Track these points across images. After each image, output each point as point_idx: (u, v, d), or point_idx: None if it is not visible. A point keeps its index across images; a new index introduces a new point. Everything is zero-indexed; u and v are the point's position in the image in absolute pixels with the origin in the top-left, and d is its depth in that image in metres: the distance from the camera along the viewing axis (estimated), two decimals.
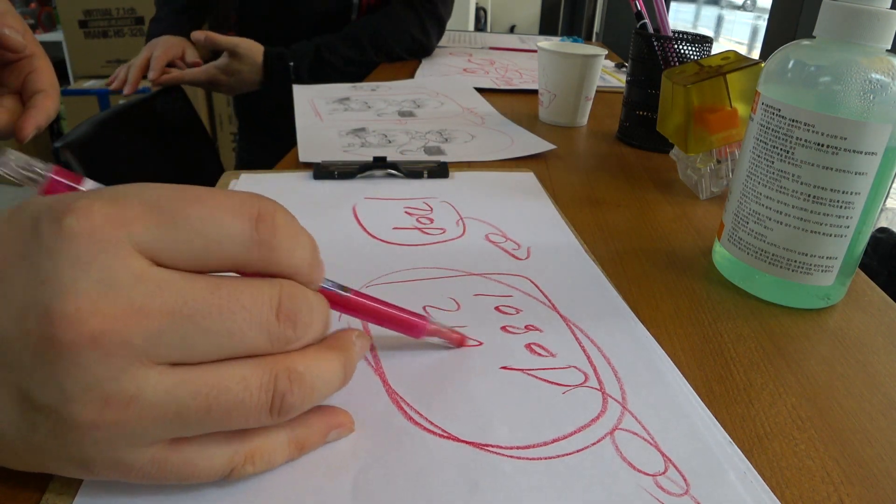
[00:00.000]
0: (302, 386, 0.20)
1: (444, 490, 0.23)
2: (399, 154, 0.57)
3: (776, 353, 0.33)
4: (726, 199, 0.40)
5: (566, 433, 0.25)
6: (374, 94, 0.79)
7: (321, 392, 0.21)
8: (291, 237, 0.20)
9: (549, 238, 0.43)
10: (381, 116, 0.69)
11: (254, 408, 0.19)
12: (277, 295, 0.20)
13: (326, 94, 0.77)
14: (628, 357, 0.31)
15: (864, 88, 0.32)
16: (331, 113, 0.70)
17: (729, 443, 0.26)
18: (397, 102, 0.75)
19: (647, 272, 0.40)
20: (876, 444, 0.27)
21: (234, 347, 0.19)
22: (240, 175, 0.50)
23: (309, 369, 0.20)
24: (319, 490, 0.22)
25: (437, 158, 0.56)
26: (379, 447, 0.24)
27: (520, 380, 0.28)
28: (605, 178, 0.57)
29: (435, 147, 0.60)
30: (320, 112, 0.70)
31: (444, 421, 0.26)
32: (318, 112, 0.70)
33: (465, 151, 0.58)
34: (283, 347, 0.20)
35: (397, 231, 0.42)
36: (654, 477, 0.24)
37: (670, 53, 0.63)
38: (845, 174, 0.33)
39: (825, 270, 0.35)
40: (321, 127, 0.65)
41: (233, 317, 0.19)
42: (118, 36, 2.10)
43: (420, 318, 0.28)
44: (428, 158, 0.56)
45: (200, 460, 0.20)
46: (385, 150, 0.58)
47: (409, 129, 0.65)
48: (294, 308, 0.20)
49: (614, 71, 1.07)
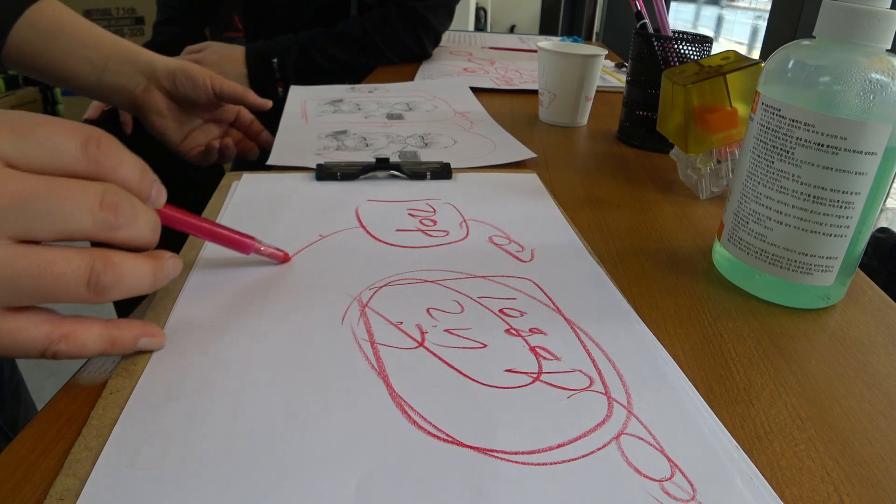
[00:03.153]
0: (114, 271, 0.25)
1: (448, 495, 0.23)
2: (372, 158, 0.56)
3: (776, 353, 0.33)
4: (726, 199, 0.41)
5: (571, 438, 0.26)
6: (369, 97, 0.78)
7: (130, 284, 0.26)
8: (115, 156, 0.26)
9: (553, 240, 0.43)
10: (368, 119, 0.69)
11: (73, 280, 0.24)
12: (102, 190, 0.25)
13: (320, 96, 0.77)
14: (633, 361, 0.31)
15: (864, 88, 0.32)
16: (318, 115, 0.70)
17: (735, 447, 0.26)
18: (389, 105, 0.75)
19: (647, 272, 0.40)
20: (876, 444, 0.27)
21: (65, 226, 0.24)
22: (241, 176, 0.50)
23: (123, 261, 0.26)
24: (323, 495, 0.22)
25: None
26: (382, 452, 0.24)
27: (524, 383, 0.29)
28: (605, 178, 0.57)
29: (411, 152, 0.59)
30: (308, 113, 0.70)
31: (448, 425, 0.26)
32: (305, 113, 0.70)
33: (441, 157, 0.57)
34: (107, 232, 0.25)
35: (400, 233, 0.42)
36: (661, 482, 0.24)
37: (670, 53, 0.63)
38: (845, 174, 0.33)
39: (825, 270, 0.36)
40: (303, 129, 0.64)
41: (63, 202, 0.24)
42: None
43: (246, 237, 0.35)
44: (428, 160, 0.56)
45: (26, 329, 0.25)
46: (361, 153, 0.58)
47: (391, 132, 0.64)
48: (115, 201, 0.25)
49: (614, 71, 1.07)
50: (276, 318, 0.32)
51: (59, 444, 0.24)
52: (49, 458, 0.24)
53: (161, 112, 0.59)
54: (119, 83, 0.56)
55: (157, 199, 0.28)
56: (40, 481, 0.23)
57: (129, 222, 0.25)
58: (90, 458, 0.23)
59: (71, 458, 0.23)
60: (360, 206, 0.46)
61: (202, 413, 0.26)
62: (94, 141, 0.25)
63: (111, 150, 0.26)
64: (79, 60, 0.54)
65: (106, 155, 0.25)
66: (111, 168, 0.26)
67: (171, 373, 0.28)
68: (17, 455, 0.24)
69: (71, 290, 0.24)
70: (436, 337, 0.31)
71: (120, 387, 0.27)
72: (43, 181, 0.24)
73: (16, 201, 0.23)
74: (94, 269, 0.24)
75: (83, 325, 0.26)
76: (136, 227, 0.26)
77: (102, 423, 0.25)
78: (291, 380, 0.28)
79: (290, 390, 0.27)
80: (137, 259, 0.27)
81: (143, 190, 0.27)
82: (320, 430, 0.25)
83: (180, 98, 0.59)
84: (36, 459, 0.24)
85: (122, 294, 0.26)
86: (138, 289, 0.27)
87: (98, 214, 0.24)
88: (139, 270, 0.27)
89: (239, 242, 0.35)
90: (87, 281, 0.24)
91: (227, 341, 0.30)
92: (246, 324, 0.32)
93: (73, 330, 0.26)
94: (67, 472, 0.23)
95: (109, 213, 0.25)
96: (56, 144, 0.24)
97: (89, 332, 0.26)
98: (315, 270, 0.37)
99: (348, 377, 0.28)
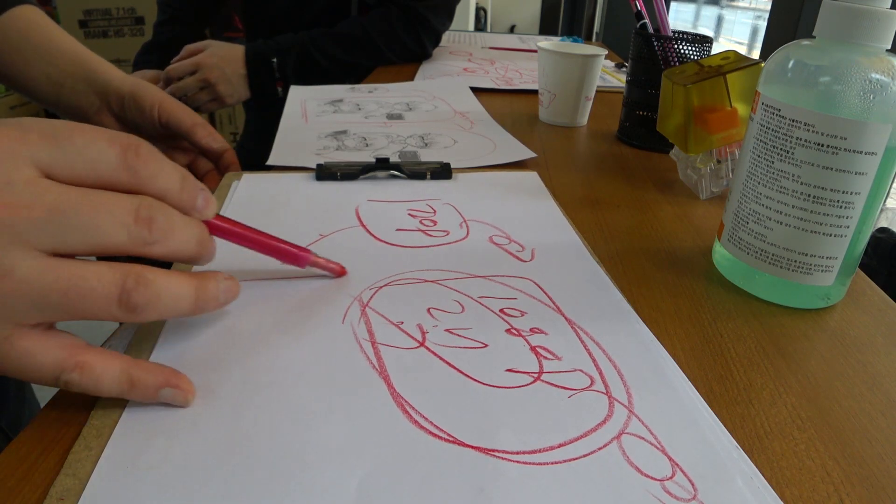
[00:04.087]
0: (147, 289, 0.24)
1: (449, 495, 0.23)
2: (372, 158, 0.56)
3: (776, 353, 0.33)
4: (726, 199, 0.41)
5: (572, 438, 0.26)
6: (369, 97, 0.78)
7: (166, 303, 0.25)
8: (153, 165, 0.25)
9: (554, 239, 0.43)
10: (369, 119, 0.69)
11: (104, 298, 0.23)
12: (137, 203, 0.24)
13: (320, 96, 0.77)
14: (634, 360, 0.31)
15: (864, 88, 0.32)
16: (318, 115, 0.69)
17: (736, 447, 0.26)
18: (389, 105, 0.75)
19: (647, 272, 0.40)
20: (876, 444, 0.27)
21: (98, 241, 0.23)
22: (242, 176, 0.50)
23: (158, 278, 0.24)
24: (324, 494, 0.22)
25: None
26: (384, 451, 0.24)
27: (525, 383, 0.29)
28: (605, 178, 0.57)
29: (411, 152, 0.59)
30: (308, 113, 0.70)
31: (449, 425, 0.26)
32: (305, 113, 0.70)
33: (440, 157, 0.57)
34: (142, 248, 0.24)
35: (401, 233, 0.42)
36: (662, 482, 0.24)
37: (670, 53, 0.63)
38: (845, 174, 0.33)
39: (825, 270, 0.36)
40: (303, 129, 0.64)
41: (98, 215, 0.23)
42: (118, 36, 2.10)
43: (302, 251, 0.34)
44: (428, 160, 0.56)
45: (38, 353, 0.23)
46: (361, 153, 0.58)
47: (391, 132, 0.64)
48: (150, 214, 0.24)
49: (614, 71, 1.07)
50: (276, 318, 0.32)
51: (59, 444, 0.24)
52: (49, 458, 0.24)
53: None
54: (74, 102, 0.53)
55: (204, 209, 0.27)
56: (40, 481, 0.23)
57: (165, 236, 0.24)
58: (91, 458, 0.23)
59: (71, 458, 0.23)
60: (360, 206, 0.46)
61: (203, 413, 0.26)
62: (133, 149, 0.24)
63: (150, 160, 0.25)
64: (38, 75, 0.52)
65: (145, 164, 0.24)
66: (149, 178, 0.25)
67: None
68: (17, 455, 0.24)
69: (101, 307, 0.23)
70: (436, 337, 0.31)
71: None
72: (79, 194, 0.23)
73: (50, 214, 0.22)
74: (125, 286, 0.23)
75: (103, 358, 0.25)
76: (174, 242, 0.25)
77: (103, 423, 0.25)
78: (292, 380, 0.28)
79: (290, 390, 0.27)
80: (176, 278, 0.25)
81: (184, 200, 0.26)
82: (321, 430, 0.25)
83: (129, 123, 0.54)
84: (36, 459, 0.24)
85: (158, 314, 0.25)
86: (177, 310, 0.25)
87: (133, 229, 0.24)
88: (178, 289, 0.25)
89: (294, 255, 0.34)
90: (119, 298, 0.23)
91: (227, 342, 0.30)
92: (246, 324, 0.32)
93: (89, 361, 0.24)
94: (68, 472, 0.23)
95: (143, 227, 0.24)
96: (94, 153, 0.23)
97: (108, 367, 0.24)
98: (315, 270, 0.37)
99: (349, 377, 0.28)
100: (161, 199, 0.25)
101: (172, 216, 0.25)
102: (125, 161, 0.24)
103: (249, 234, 0.31)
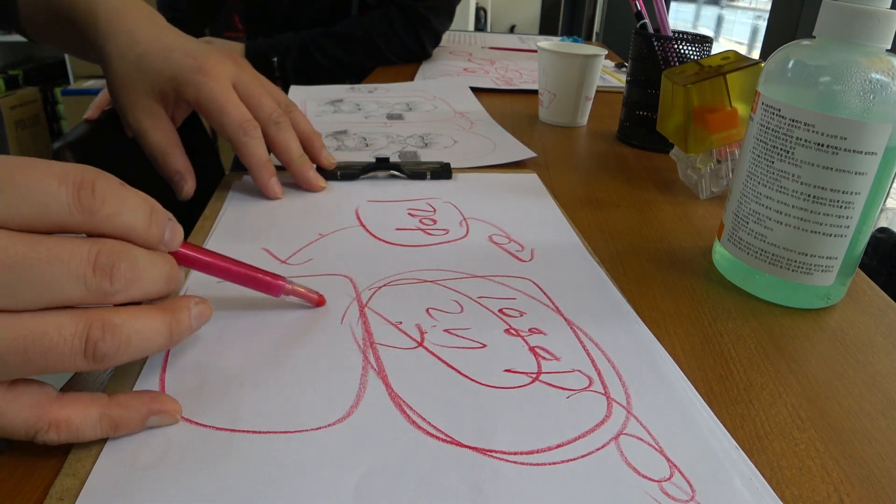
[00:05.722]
0: (115, 336, 0.22)
1: (447, 495, 0.23)
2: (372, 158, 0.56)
3: (776, 353, 0.33)
4: (726, 199, 0.41)
5: (570, 438, 0.26)
6: (369, 97, 0.78)
7: (138, 346, 0.23)
8: (113, 202, 0.22)
9: (553, 240, 0.43)
10: (369, 119, 0.69)
11: (67, 352, 0.21)
12: (96, 250, 0.21)
13: (320, 96, 0.77)
14: (633, 361, 0.31)
15: (864, 88, 0.32)
16: (319, 115, 0.69)
17: (735, 448, 0.26)
18: (390, 105, 0.75)
19: (647, 272, 0.40)
20: (876, 444, 0.27)
21: (53, 297, 0.21)
22: (242, 176, 0.50)
23: (126, 322, 0.22)
24: (322, 494, 0.22)
25: None
26: (382, 452, 0.24)
27: (523, 383, 0.29)
28: (605, 178, 0.57)
29: (411, 152, 0.59)
30: (308, 113, 0.70)
31: (448, 425, 0.26)
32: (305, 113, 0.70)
33: (440, 157, 0.57)
34: (103, 299, 0.22)
35: (400, 232, 0.42)
36: (660, 483, 0.24)
37: (670, 53, 0.63)
38: (845, 174, 0.33)
39: (825, 270, 0.36)
40: None
41: (50, 268, 0.20)
42: None
43: (275, 278, 0.31)
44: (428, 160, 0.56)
45: (6, 413, 0.22)
46: (361, 153, 0.57)
47: (391, 132, 0.64)
48: (111, 262, 0.22)
49: (614, 71, 1.07)
50: (274, 318, 0.32)
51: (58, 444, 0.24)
52: (49, 457, 0.24)
53: None
54: None
55: (171, 241, 0.25)
56: (40, 481, 0.23)
57: (129, 284, 0.22)
58: (90, 457, 0.23)
59: (71, 458, 0.23)
60: (360, 206, 0.46)
61: (201, 413, 0.26)
62: (88, 187, 0.21)
63: (108, 195, 0.22)
64: None
65: (102, 203, 0.22)
66: (108, 217, 0.22)
67: (170, 373, 0.28)
68: (17, 455, 0.24)
69: (66, 361, 0.21)
70: (435, 337, 0.31)
71: (120, 387, 0.27)
72: (27, 243, 0.20)
73: None
74: (90, 338, 0.21)
75: (76, 408, 0.23)
76: (140, 287, 0.23)
77: None
78: (291, 380, 0.28)
79: (289, 390, 0.27)
80: (146, 316, 0.23)
81: (151, 236, 0.23)
82: (319, 430, 0.25)
83: None
84: (36, 459, 0.23)
85: (130, 357, 0.23)
86: (151, 349, 0.23)
87: (91, 281, 0.21)
88: (149, 330, 0.23)
89: (267, 284, 0.31)
90: (84, 351, 0.21)
91: (225, 342, 0.30)
92: (245, 323, 0.32)
93: (63, 416, 0.22)
94: (67, 471, 0.23)
95: (104, 279, 0.21)
96: (41, 195, 0.20)
97: (86, 416, 0.23)
98: (314, 270, 0.37)
99: (347, 377, 0.28)
100: (125, 238, 0.23)
101: (137, 260, 0.23)
102: (79, 202, 0.21)
103: (219, 263, 0.29)
